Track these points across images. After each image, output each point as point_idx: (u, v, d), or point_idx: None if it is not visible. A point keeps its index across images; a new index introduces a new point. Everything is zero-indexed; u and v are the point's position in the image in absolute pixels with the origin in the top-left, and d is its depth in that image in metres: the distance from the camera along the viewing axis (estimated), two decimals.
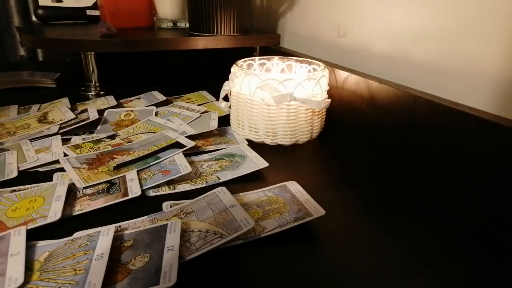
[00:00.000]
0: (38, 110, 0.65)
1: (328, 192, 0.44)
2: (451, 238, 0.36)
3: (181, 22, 0.85)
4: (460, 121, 0.39)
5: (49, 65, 1.02)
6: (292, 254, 0.33)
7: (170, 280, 0.28)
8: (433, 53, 0.46)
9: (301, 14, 0.75)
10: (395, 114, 0.48)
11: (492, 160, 0.37)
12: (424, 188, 0.44)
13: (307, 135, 0.55)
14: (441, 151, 0.42)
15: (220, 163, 0.48)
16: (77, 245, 0.32)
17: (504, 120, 0.37)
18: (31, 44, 0.75)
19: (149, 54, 0.94)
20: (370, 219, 0.39)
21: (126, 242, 0.33)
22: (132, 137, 0.55)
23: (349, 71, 0.57)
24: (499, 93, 0.39)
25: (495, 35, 0.39)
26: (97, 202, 0.39)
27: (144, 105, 0.69)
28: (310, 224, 0.36)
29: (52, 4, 0.94)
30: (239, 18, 0.73)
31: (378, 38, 0.55)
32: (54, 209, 0.37)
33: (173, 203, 0.39)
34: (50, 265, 0.30)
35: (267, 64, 0.62)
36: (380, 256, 0.33)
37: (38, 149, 0.50)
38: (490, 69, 0.40)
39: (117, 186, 0.42)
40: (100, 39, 0.70)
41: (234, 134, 0.58)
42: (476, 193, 0.39)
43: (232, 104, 0.58)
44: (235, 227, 0.34)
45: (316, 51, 0.71)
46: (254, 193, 0.41)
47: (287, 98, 0.51)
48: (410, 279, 0.31)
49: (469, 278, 0.31)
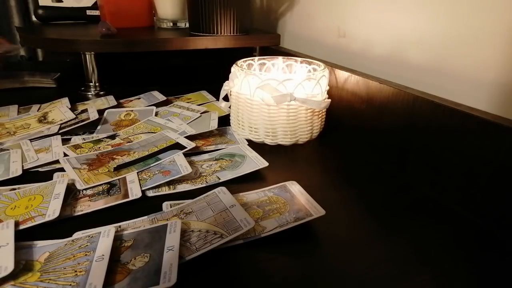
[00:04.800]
0: (38, 110, 0.65)
1: (328, 192, 0.44)
2: (451, 238, 0.36)
3: (181, 22, 0.85)
4: (460, 121, 0.39)
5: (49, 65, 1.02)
6: (292, 254, 0.33)
7: (170, 280, 0.28)
8: (433, 53, 0.46)
9: (301, 14, 0.75)
10: (395, 114, 0.48)
11: (492, 160, 0.37)
12: (424, 188, 0.44)
13: (307, 135, 0.55)
14: (441, 151, 0.42)
15: (220, 163, 0.48)
16: (78, 246, 0.32)
17: (504, 120, 0.37)
18: (31, 44, 0.75)
19: (149, 54, 0.94)
20: (370, 219, 0.39)
21: (126, 242, 0.33)
22: (132, 137, 0.55)
23: (349, 71, 0.57)
24: (499, 95, 0.39)
25: (494, 35, 0.39)
26: (97, 203, 0.39)
27: (144, 105, 0.69)
28: (310, 224, 0.36)
29: (52, 4, 0.94)
30: (239, 18, 0.73)
31: (378, 38, 0.55)
32: (53, 207, 0.37)
33: (173, 203, 0.39)
34: (51, 266, 0.30)
35: (267, 64, 0.62)
36: (380, 256, 0.33)
37: (38, 149, 0.50)
38: (490, 70, 0.40)
39: (117, 187, 0.42)
40: (100, 39, 0.70)
41: (234, 134, 0.58)
42: (476, 193, 0.39)
43: (232, 104, 0.58)
44: (235, 227, 0.34)
45: (316, 51, 0.71)
46: (254, 193, 0.41)
47: (287, 98, 0.51)
48: (410, 279, 0.31)
49: (469, 278, 0.31)
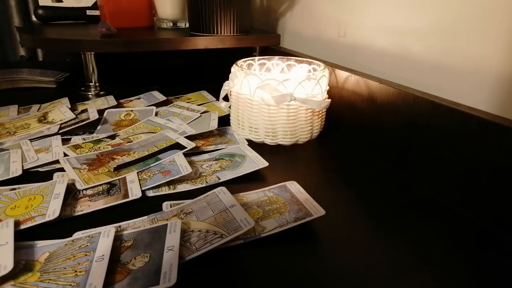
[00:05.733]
0: (38, 110, 0.65)
1: (328, 192, 0.44)
2: (451, 238, 0.36)
3: (181, 22, 0.85)
4: (460, 121, 0.39)
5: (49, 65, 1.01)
6: (292, 254, 0.33)
7: (170, 280, 0.28)
8: (433, 53, 0.46)
9: (301, 14, 0.75)
10: (395, 114, 0.48)
11: (492, 160, 0.37)
12: (424, 188, 0.44)
13: (307, 135, 0.55)
14: (441, 151, 0.42)
15: (220, 163, 0.48)
16: (78, 246, 0.32)
17: (504, 120, 0.37)
18: (31, 44, 0.75)
19: (149, 54, 0.94)
20: (370, 219, 0.39)
21: (126, 242, 0.33)
22: (132, 137, 0.55)
23: (349, 71, 0.57)
24: (499, 91, 0.39)
25: (495, 33, 0.39)
26: (97, 204, 0.39)
27: (144, 105, 0.69)
28: (310, 224, 0.36)
29: (52, 4, 0.94)
30: (239, 18, 0.73)
31: (378, 38, 0.55)
32: (53, 207, 0.37)
33: (173, 203, 0.39)
34: (51, 266, 0.30)
35: (267, 64, 0.62)
36: (380, 256, 0.33)
37: (38, 149, 0.50)
38: (491, 68, 0.40)
39: (117, 187, 0.42)
40: (100, 39, 0.70)
41: (234, 134, 0.58)
42: (476, 193, 0.39)
43: (232, 104, 0.58)
44: (235, 227, 0.34)
45: (316, 51, 0.71)
46: (254, 193, 0.41)
47: (287, 98, 0.51)
48: (410, 279, 0.31)
49: (469, 278, 0.31)
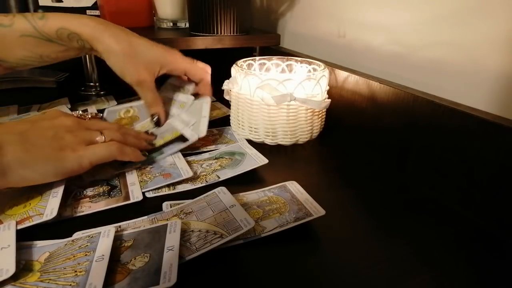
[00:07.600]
0: (38, 110, 0.65)
1: (328, 192, 0.44)
2: (451, 238, 0.36)
3: (181, 22, 0.85)
4: (460, 121, 0.39)
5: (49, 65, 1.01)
6: (292, 254, 0.33)
7: (170, 280, 0.28)
8: (433, 53, 0.46)
9: (301, 14, 0.75)
10: (395, 114, 0.48)
11: (492, 160, 0.37)
12: (424, 188, 0.44)
13: (307, 135, 0.55)
14: (441, 151, 0.42)
15: (220, 162, 0.48)
16: (78, 246, 0.32)
17: (504, 120, 0.37)
18: None
19: None
20: (370, 219, 0.39)
21: (126, 242, 0.33)
22: None
23: (349, 71, 0.57)
24: (499, 91, 0.39)
25: (495, 32, 0.39)
26: (98, 205, 0.39)
27: None
28: (310, 224, 0.36)
29: (52, 4, 0.94)
30: (239, 18, 0.73)
31: (378, 38, 0.55)
32: (51, 206, 0.36)
33: (173, 203, 0.39)
34: (51, 266, 0.30)
35: (267, 64, 0.62)
36: (380, 256, 0.33)
37: None
38: (491, 67, 0.40)
39: (118, 189, 0.42)
40: None
41: (234, 134, 0.58)
42: (476, 193, 0.39)
43: (232, 104, 0.58)
44: (235, 227, 0.34)
45: (316, 51, 0.71)
46: (254, 193, 0.41)
47: (287, 98, 0.51)
48: (410, 279, 0.31)
49: (469, 278, 0.31)
